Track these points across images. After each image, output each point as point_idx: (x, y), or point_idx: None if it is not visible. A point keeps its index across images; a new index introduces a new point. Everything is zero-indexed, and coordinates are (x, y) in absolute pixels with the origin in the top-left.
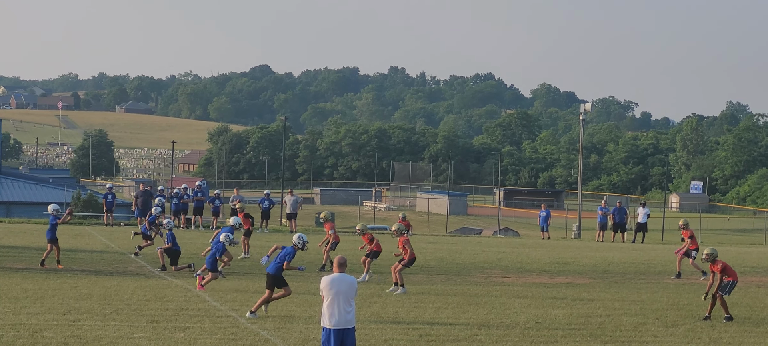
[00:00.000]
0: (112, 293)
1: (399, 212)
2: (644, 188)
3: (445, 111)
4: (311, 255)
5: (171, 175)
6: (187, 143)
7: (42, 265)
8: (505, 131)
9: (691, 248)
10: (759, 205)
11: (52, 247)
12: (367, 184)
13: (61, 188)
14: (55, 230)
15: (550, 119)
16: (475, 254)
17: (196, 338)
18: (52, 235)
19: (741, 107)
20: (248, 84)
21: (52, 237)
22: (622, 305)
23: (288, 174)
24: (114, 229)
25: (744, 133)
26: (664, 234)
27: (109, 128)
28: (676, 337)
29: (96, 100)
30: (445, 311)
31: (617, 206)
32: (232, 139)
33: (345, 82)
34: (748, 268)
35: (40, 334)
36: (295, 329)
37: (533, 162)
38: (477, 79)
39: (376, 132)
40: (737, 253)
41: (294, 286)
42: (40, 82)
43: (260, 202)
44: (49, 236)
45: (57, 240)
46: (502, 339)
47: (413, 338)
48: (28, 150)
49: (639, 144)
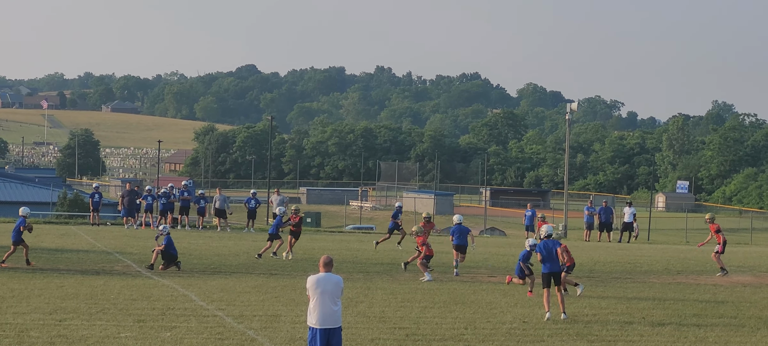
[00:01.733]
0: (99, 293)
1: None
2: (630, 188)
3: (431, 111)
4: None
5: (157, 174)
6: (173, 143)
7: (28, 264)
8: (491, 131)
9: (718, 243)
10: (745, 204)
11: (15, 248)
12: (353, 183)
13: (47, 188)
14: (20, 233)
15: (536, 119)
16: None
17: (183, 337)
18: (17, 237)
19: (727, 107)
20: (234, 83)
21: (16, 239)
22: (609, 305)
23: (274, 174)
24: (100, 228)
25: (730, 132)
26: (650, 234)
27: (95, 128)
28: (662, 336)
29: (82, 99)
30: (432, 310)
31: (603, 206)
32: (219, 139)
33: (331, 81)
34: (733, 267)
35: (26, 333)
36: (281, 328)
37: (519, 162)
38: (463, 78)
39: (363, 132)
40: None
41: (278, 284)
42: (25, 82)
43: (246, 201)
44: (13, 237)
45: (23, 241)
46: (488, 338)
47: (400, 337)
48: (14, 149)
49: (625, 144)
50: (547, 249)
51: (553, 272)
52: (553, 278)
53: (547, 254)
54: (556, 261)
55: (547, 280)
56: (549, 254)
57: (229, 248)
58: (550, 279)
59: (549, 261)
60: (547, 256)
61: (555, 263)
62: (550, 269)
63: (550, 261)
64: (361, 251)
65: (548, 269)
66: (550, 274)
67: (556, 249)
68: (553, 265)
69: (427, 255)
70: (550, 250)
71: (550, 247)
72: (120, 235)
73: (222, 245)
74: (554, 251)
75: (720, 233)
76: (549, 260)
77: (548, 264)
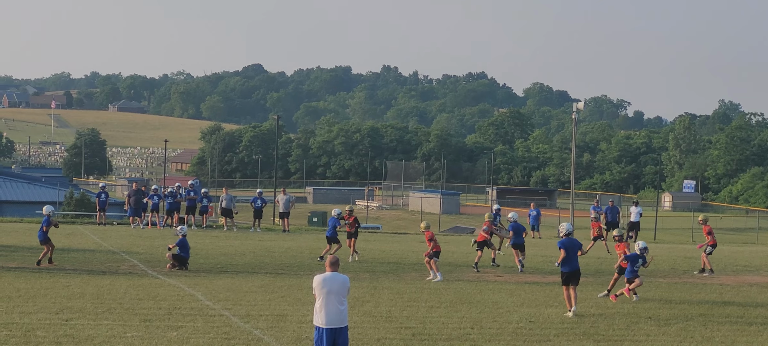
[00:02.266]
0: (105, 292)
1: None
2: (637, 187)
3: (437, 110)
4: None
5: (164, 174)
6: (179, 142)
7: (37, 264)
8: (497, 130)
9: (709, 244)
10: (751, 204)
11: (47, 248)
12: (359, 183)
13: (53, 187)
14: (45, 232)
15: (542, 118)
16: (467, 253)
17: (189, 337)
18: (44, 236)
19: (733, 106)
20: (241, 83)
21: (43, 239)
22: (615, 304)
23: (280, 173)
24: (106, 228)
25: (736, 132)
26: (657, 233)
27: (102, 127)
28: (668, 336)
29: (88, 99)
30: (438, 309)
31: (610, 205)
32: (225, 138)
33: (337, 81)
34: (740, 267)
35: (32, 333)
36: (288, 328)
37: (526, 161)
38: (470, 78)
39: (369, 131)
40: (730, 252)
41: (285, 284)
42: (32, 81)
43: (252, 201)
44: (40, 237)
45: (49, 240)
46: (494, 338)
47: (406, 336)
48: (21, 149)
49: (631, 143)
50: (573, 247)
51: (573, 271)
52: (573, 277)
53: (572, 252)
54: (575, 260)
55: (567, 279)
56: (573, 252)
57: (236, 247)
58: (570, 278)
59: (571, 261)
60: (570, 255)
61: (575, 261)
62: (571, 268)
63: (572, 260)
64: (368, 250)
65: (569, 268)
66: (570, 273)
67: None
68: (574, 264)
69: (435, 251)
70: (574, 248)
71: (576, 246)
72: (126, 234)
73: (228, 245)
74: (576, 251)
75: (711, 234)
76: (572, 258)
77: (569, 264)
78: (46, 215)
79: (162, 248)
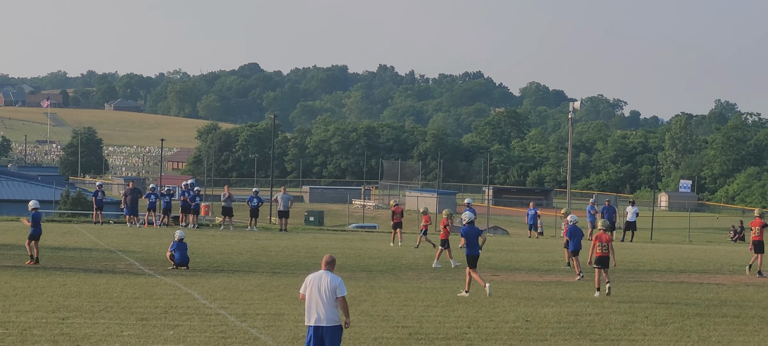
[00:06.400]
0: (101, 291)
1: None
2: (633, 187)
3: (433, 109)
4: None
5: (160, 173)
6: (176, 141)
7: (36, 262)
8: (494, 130)
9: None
10: (747, 204)
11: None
12: (356, 182)
13: (49, 186)
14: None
15: (539, 118)
16: (464, 253)
17: (185, 335)
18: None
19: (730, 106)
20: (237, 82)
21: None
22: (611, 304)
23: (277, 172)
24: (103, 227)
25: (732, 132)
26: (653, 233)
27: (98, 126)
28: (665, 335)
29: (85, 97)
30: (435, 309)
31: (606, 205)
32: (221, 137)
33: (334, 80)
34: (736, 267)
35: (29, 332)
36: (284, 326)
37: (522, 160)
38: (466, 77)
39: (365, 130)
40: (726, 252)
41: (281, 282)
42: (28, 80)
43: (249, 200)
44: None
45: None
46: (491, 337)
47: (403, 336)
48: (17, 148)
49: (628, 143)
50: (473, 234)
51: (473, 255)
52: (472, 260)
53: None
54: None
55: (469, 262)
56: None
57: (232, 246)
58: (470, 261)
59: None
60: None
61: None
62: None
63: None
64: (364, 249)
65: (471, 252)
66: (470, 256)
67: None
68: (474, 250)
69: (442, 238)
70: (474, 235)
71: (476, 233)
72: (123, 233)
73: (225, 244)
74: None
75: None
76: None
77: (471, 249)
78: (36, 210)
79: (159, 247)
